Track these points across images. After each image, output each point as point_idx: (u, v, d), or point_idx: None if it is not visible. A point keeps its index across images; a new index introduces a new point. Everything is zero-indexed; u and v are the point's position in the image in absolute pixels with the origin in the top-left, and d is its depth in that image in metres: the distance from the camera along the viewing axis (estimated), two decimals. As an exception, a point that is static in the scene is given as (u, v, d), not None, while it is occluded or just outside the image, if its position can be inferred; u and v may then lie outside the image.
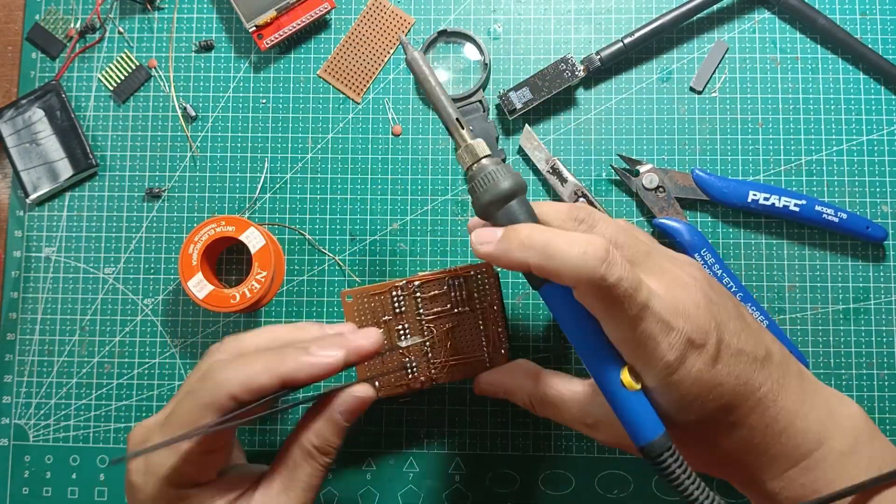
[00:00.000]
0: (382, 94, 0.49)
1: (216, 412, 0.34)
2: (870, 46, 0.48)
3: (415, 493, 0.47)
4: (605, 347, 0.33)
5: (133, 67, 0.50)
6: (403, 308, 0.42)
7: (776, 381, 0.35)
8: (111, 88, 0.50)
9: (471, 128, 0.37)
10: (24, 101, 0.49)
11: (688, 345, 0.32)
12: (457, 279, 0.42)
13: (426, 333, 0.42)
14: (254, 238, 0.45)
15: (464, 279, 0.42)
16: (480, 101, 0.48)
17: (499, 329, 0.42)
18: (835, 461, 0.35)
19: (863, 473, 0.34)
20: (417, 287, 0.42)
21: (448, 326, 0.42)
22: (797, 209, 0.46)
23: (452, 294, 0.42)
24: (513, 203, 0.35)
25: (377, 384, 0.42)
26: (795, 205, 0.46)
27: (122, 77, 0.50)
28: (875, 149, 0.48)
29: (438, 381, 0.42)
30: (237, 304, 0.44)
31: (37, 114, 0.49)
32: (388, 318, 0.42)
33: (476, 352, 0.42)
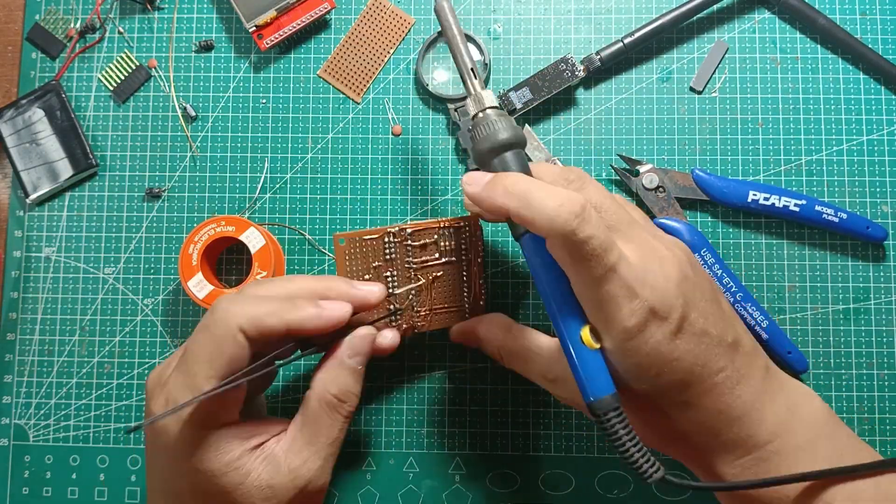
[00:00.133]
0: (382, 94, 0.49)
1: (225, 344, 0.35)
2: (870, 46, 0.48)
3: (415, 493, 0.47)
4: (571, 303, 0.34)
5: (133, 67, 0.50)
6: (394, 255, 0.42)
7: (738, 370, 0.35)
8: (111, 88, 0.50)
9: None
10: (24, 101, 0.49)
11: (649, 314, 0.33)
12: (447, 229, 0.43)
13: (414, 281, 0.43)
14: (254, 238, 0.45)
15: (453, 229, 0.43)
16: (480, 101, 0.48)
17: (479, 282, 0.44)
18: (789, 454, 0.35)
19: (817, 468, 0.34)
20: (409, 234, 0.42)
21: (434, 275, 0.43)
22: (797, 209, 0.46)
23: (442, 244, 0.43)
24: (508, 154, 0.36)
25: (376, 332, 0.42)
26: (795, 205, 0.46)
27: (122, 77, 0.50)
28: (875, 149, 0.48)
29: (421, 329, 0.43)
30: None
31: (37, 114, 0.49)
32: (378, 265, 0.42)
33: (458, 302, 0.44)
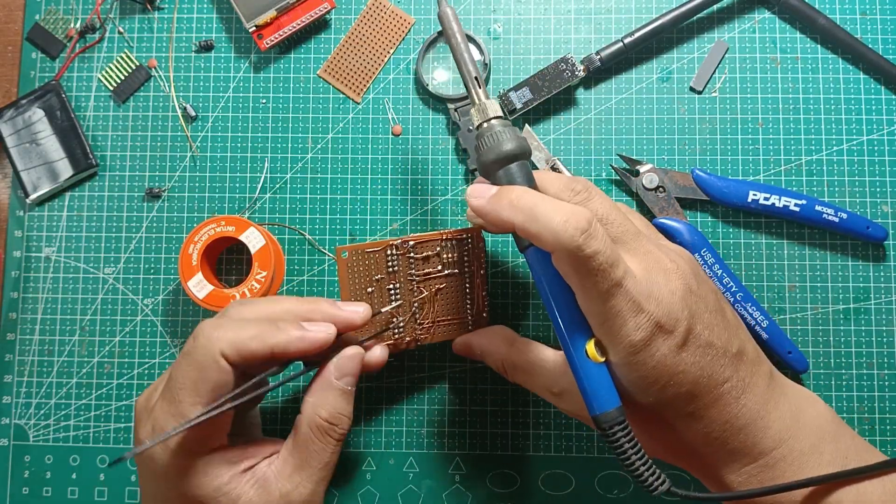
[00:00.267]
0: (382, 94, 0.49)
1: (208, 370, 0.35)
2: (870, 46, 0.48)
3: (415, 493, 0.47)
4: (577, 317, 0.34)
5: (133, 67, 0.50)
6: (396, 267, 0.42)
7: (743, 379, 0.35)
8: (111, 88, 0.50)
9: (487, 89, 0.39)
10: (24, 101, 0.49)
11: (655, 328, 0.33)
12: (449, 241, 0.43)
13: (415, 293, 0.43)
14: (254, 238, 0.45)
15: (456, 241, 0.43)
16: (480, 101, 0.48)
17: (483, 294, 0.43)
18: (794, 460, 0.35)
19: (823, 472, 0.34)
20: (411, 247, 0.42)
21: (437, 288, 0.43)
22: (797, 209, 0.46)
23: (444, 256, 0.43)
24: (513, 165, 0.36)
25: (364, 343, 0.41)
26: (795, 205, 0.46)
27: (122, 77, 0.50)
28: (875, 149, 0.48)
29: (423, 342, 0.43)
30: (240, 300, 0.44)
31: (37, 114, 0.49)
32: (381, 277, 0.42)
33: (460, 314, 0.43)
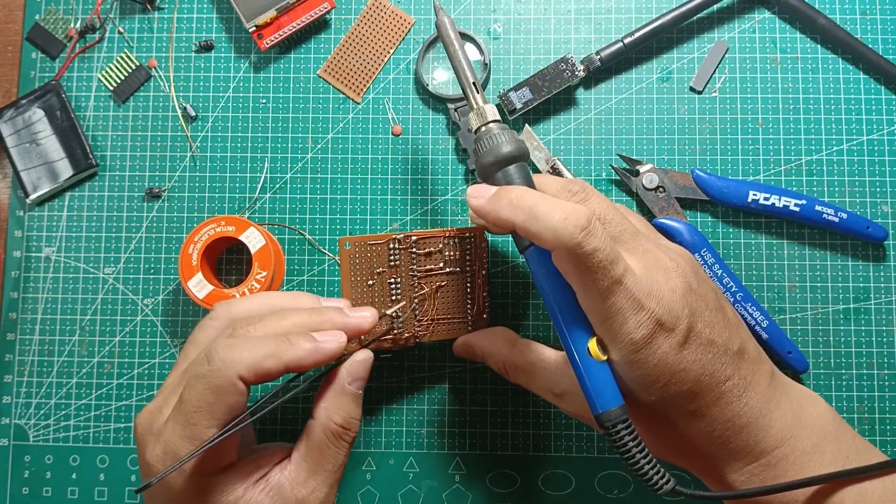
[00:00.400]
0: (382, 94, 0.49)
1: (226, 394, 0.35)
2: (870, 46, 0.48)
3: (415, 493, 0.47)
4: (578, 316, 0.34)
5: (133, 67, 0.50)
6: (398, 262, 0.42)
7: (744, 378, 0.35)
8: (111, 88, 0.50)
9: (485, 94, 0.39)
10: (24, 101, 0.49)
11: (656, 326, 0.33)
12: (452, 239, 0.43)
13: (416, 289, 0.43)
14: (254, 238, 0.45)
15: (458, 240, 0.43)
16: (480, 101, 0.48)
17: (483, 294, 0.43)
18: (796, 459, 0.35)
19: (824, 471, 0.34)
20: (414, 242, 0.42)
21: (438, 285, 0.43)
22: (797, 209, 0.46)
23: (447, 253, 0.43)
24: (511, 167, 0.36)
25: (363, 338, 0.42)
26: (795, 205, 0.46)
27: (122, 77, 0.50)
28: (875, 149, 0.48)
29: (422, 339, 0.43)
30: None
31: (37, 114, 0.49)
32: (382, 271, 0.42)
33: (460, 313, 0.43)
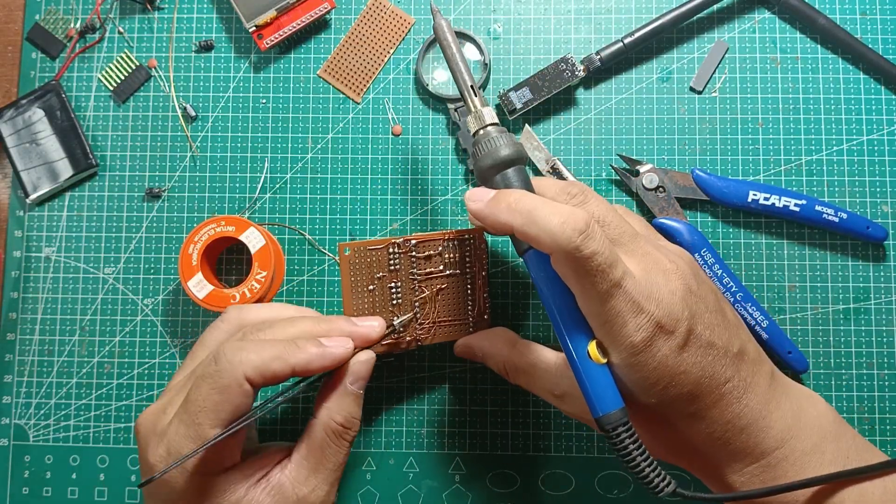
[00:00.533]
0: (382, 94, 0.49)
1: (232, 394, 0.35)
2: (870, 46, 0.48)
3: (415, 493, 0.47)
4: (577, 319, 0.34)
5: (133, 67, 0.50)
6: (398, 266, 0.42)
7: (744, 379, 0.35)
8: (111, 88, 0.50)
9: (484, 97, 0.39)
10: (24, 101, 0.49)
11: (656, 329, 0.33)
12: (451, 241, 0.43)
13: (417, 293, 0.43)
14: (254, 238, 0.45)
15: (458, 242, 0.43)
16: (480, 101, 0.48)
17: (484, 295, 0.44)
18: (796, 460, 0.35)
19: (825, 471, 0.34)
20: (413, 246, 0.42)
21: (438, 288, 0.43)
22: (797, 209, 0.46)
23: (446, 256, 0.43)
24: (510, 170, 0.37)
25: (375, 357, 0.42)
26: (795, 205, 0.46)
27: (122, 77, 0.50)
28: (875, 149, 0.48)
29: (424, 342, 0.43)
30: (237, 305, 0.44)
31: (37, 114, 0.49)
32: (382, 275, 0.42)
33: (461, 315, 0.43)
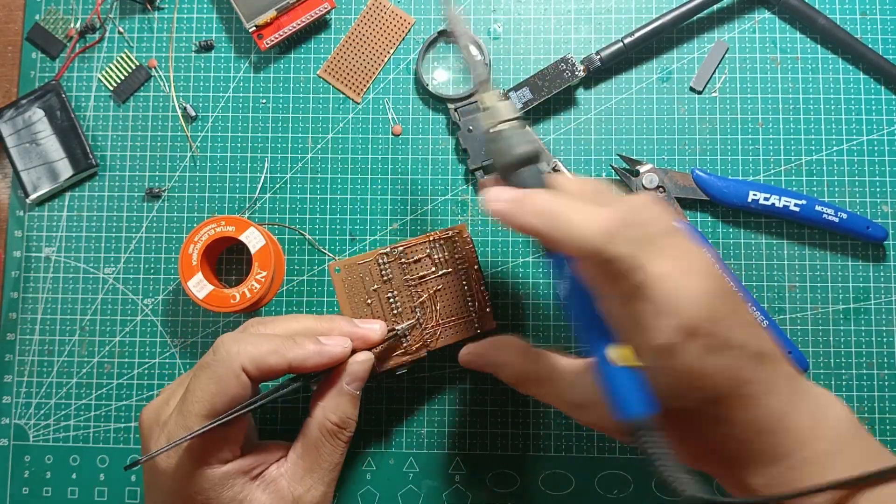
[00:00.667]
0: (382, 94, 0.49)
1: (228, 384, 0.35)
2: (870, 46, 0.48)
3: (415, 493, 0.47)
4: (601, 322, 0.34)
5: (133, 67, 0.50)
6: (390, 275, 0.42)
7: (765, 381, 0.35)
8: (111, 88, 0.50)
9: (502, 91, 0.39)
10: (24, 101, 0.49)
11: (680, 332, 0.32)
12: (437, 242, 0.43)
13: (414, 298, 0.43)
14: (254, 238, 0.45)
15: (443, 241, 0.43)
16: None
17: (481, 288, 0.44)
18: (817, 462, 0.35)
19: (845, 474, 0.34)
20: (401, 252, 0.42)
21: (435, 289, 0.43)
22: (797, 209, 0.46)
23: (435, 256, 0.43)
24: (529, 168, 0.36)
25: (374, 358, 0.42)
26: (795, 205, 0.46)
27: (122, 77, 0.50)
28: (875, 149, 0.48)
29: (432, 348, 0.43)
30: (237, 304, 0.44)
31: (37, 114, 0.49)
32: (377, 287, 0.42)
33: (464, 313, 0.44)
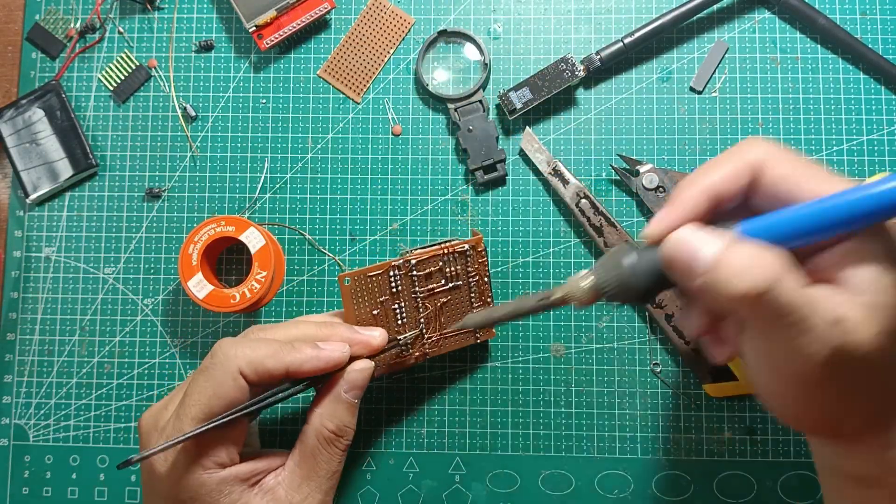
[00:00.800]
0: (382, 94, 0.49)
1: (225, 387, 0.36)
2: (870, 46, 0.48)
3: (415, 493, 0.47)
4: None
5: (133, 67, 0.50)
6: (400, 287, 0.42)
7: None
8: (111, 88, 0.50)
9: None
10: (24, 101, 0.49)
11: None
12: (451, 255, 0.43)
13: (420, 310, 0.43)
14: (254, 238, 0.45)
15: (457, 254, 0.43)
16: (480, 101, 0.48)
17: (488, 300, 0.44)
18: None
19: None
20: (414, 265, 0.42)
21: (442, 302, 0.43)
22: (797, 209, 0.46)
23: (447, 270, 0.43)
24: (634, 263, 0.30)
25: (374, 366, 0.42)
26: (795, 205, 0.46)
27: (122, 77, 0.50)
28: (875, 149, 0.48)
29: (431, 356, 0.43)
30: (237, 304, 0.44)
31: (37, 114, 0.49)
32: (385, 299, 0.42)
33: None
